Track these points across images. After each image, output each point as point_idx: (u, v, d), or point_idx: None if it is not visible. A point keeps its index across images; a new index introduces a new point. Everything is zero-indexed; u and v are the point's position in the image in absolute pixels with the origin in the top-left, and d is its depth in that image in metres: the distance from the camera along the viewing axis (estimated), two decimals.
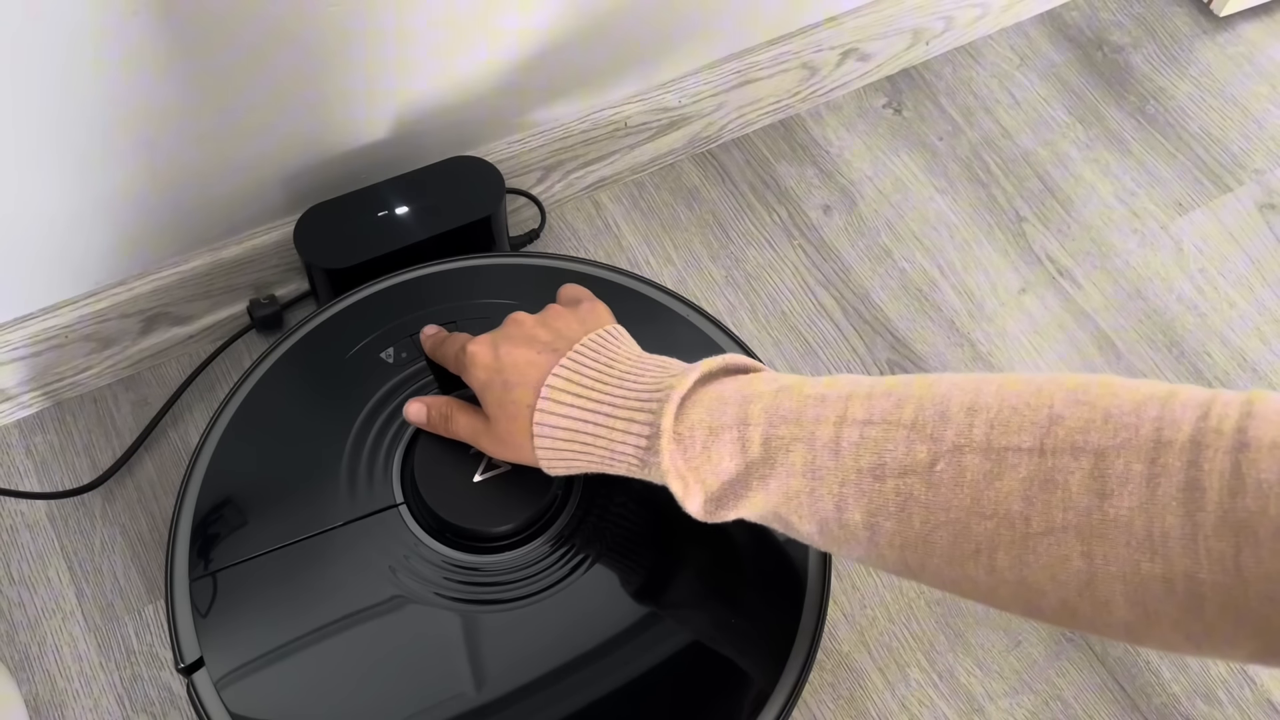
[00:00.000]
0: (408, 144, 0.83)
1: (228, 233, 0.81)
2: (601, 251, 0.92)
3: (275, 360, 0.70)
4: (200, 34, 0.67)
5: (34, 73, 0.63)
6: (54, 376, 0.80)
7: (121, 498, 0.78)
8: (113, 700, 0.72)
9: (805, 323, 0.90)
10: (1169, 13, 1.11)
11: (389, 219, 0.80)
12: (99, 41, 0.64)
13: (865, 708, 0.73)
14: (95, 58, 0.64)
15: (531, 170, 0.90)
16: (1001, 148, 1.01)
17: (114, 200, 0.73)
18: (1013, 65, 1.06)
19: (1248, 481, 0.38)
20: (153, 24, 0.64)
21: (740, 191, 0.96)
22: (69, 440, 0.81)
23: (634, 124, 0.92)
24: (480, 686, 0.60)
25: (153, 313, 0.81)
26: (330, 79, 0.75)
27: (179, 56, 0.67)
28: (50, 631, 0.74)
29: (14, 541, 0.77)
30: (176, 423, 0.81)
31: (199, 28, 0.66)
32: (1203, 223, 0.97)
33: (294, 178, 0.80)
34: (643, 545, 0.65)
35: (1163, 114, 1.04)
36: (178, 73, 0.68)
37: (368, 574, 0.62)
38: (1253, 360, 0.90)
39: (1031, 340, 0.90)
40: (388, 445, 0.66)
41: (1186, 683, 0.75)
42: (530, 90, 0.85)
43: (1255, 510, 0.38)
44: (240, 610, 0.61)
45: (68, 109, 0.66)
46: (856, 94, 1.03)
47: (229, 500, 0.65)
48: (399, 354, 0.70)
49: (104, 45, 0.64)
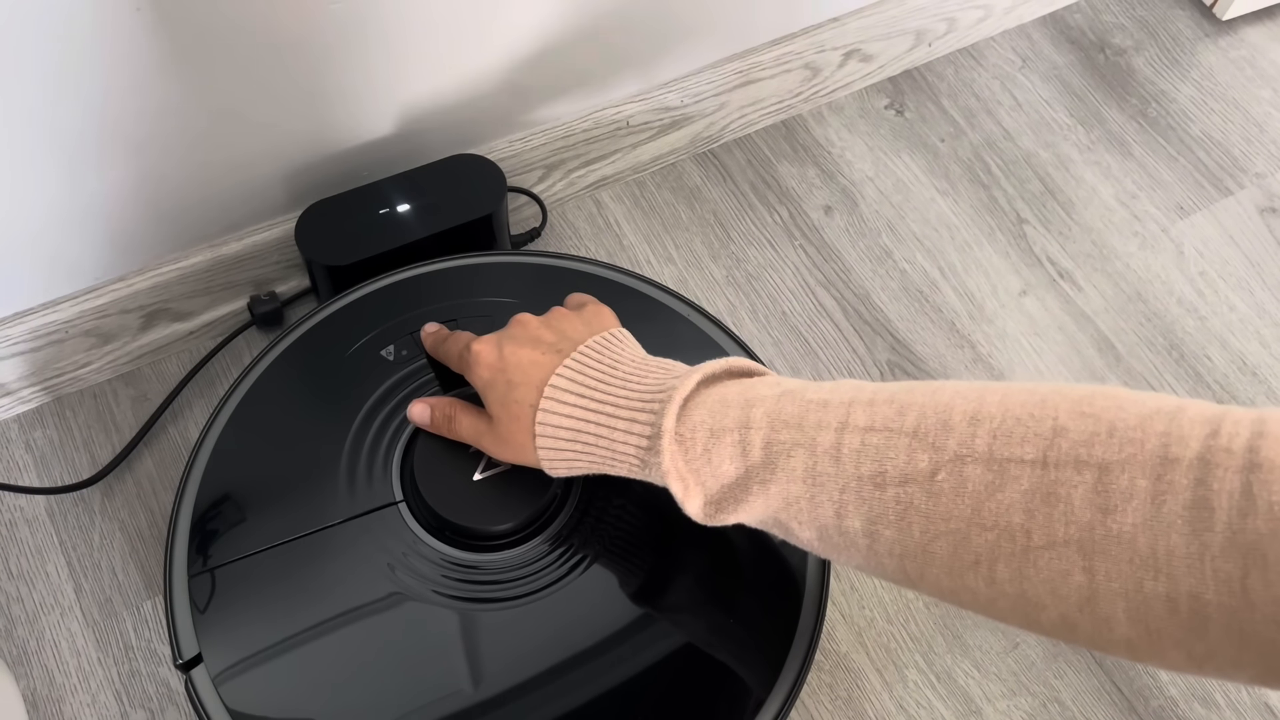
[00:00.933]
0: (409, 141, 0.83)
1: (228, 229, 0.81)
2: (603, 250, 0.92)
3: (275, 357, 0.70)
4: (201, 30, 0.67)
5: (29, 67, 0.63)
6: (54, 372, 0.80)
7: (121, 493, 0.78)
8: (110, 696, 0.72)
9: (805, 323, 0.90)
10: (1171, 16, 1.11)
11: (390, 216, 0.80)
12: (99, 36, 0.64)
13: (863, 708, 0.73)
14: (95, 53, 0.64)
15: (533, 169, 0.90)
16: (1003, 149, 1.01)
17: (114, 196, 0.73)
18: (1015, 67, 1.06)
19: (1259, 503, 0.38)
20: (154, 20, 0.64)
21: (741, 191, 0.96)
22: (68, 435, 0.81)
23: (636, 123, 0.92)
24: (478, 684, 0.60)
25: (153, 308, 0.80)
26: (332, 76, 0.75)
27: (180, 52, 0.67)
28: (49, 626, 0.74)
29: (13, 536, 0.77)
30: (176, 419, 0.81)
31: (200, 24, 0.66)
32: (1203, 226, 0.97)
33: (295, 174, 0.80)
34: (641, 546, 0.65)
35: (1164, 117, 1.04)
36: (178, 69, 0.68)
37: (366, 571, 0.62)
38: (1253, 364, 0.90)
39: (1031, 342, 0.90)
40: (387, 443, 0.66)
41: (1184, 686, 0.75)
42: (532, 88, 0.85)
43: (1265, 533, 0.37)
44: (239, 607, 0.61)
45: (65, 105, 0.66)
46: (858, 95, 1.03)
47: (228, 497, 0.65)
48: (399, 352, 0.70)
49: (105, 40, 0.64)
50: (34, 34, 0.62)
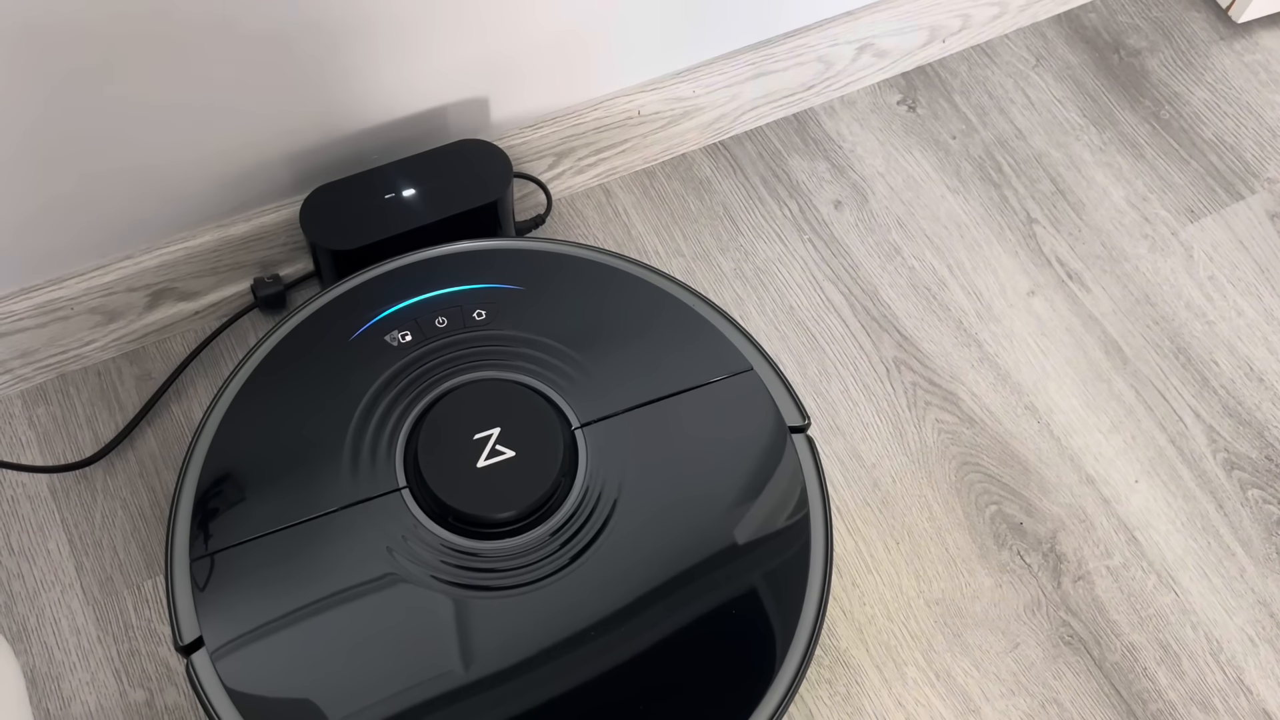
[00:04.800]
0: (416, 126, 0.82)
1: (236, 209, 0.80)
2: (611, 240, 0.92)
3: (280, 340, 0.70)
4: (210, 7, 0.66)
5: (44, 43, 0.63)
6: (58, 349, 0.80)
7: (123, 472, 0.78)
8: (109, 674, 0.72)
9: (812, 318, 0.89)
10: (1187, 18, 1.11)
11: (395, 201, 0.79)
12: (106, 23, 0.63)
13: (861, 704, 0.73)
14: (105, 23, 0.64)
15: (543, 156, 0.90)
16: (1014, 148, 1.00)
17: (121, 173, 0.73)
18: (1028, 65, 1.06)
19: None
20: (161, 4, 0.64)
21: (751, 184, 0.96)
22: (71, 412, 0.80)
23: (647, 112, 0.92)
24: (476, 671, 0.60)
25: (159, 287, 0.80)
26: (340, 59, 0.74)
27: (187, 30, 0.67)
28: (49, 604, 0.74)
29: (14, 512, 0.77)
30: (179, 398, 0.81)
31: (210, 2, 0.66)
32: (1214, 230, 0.97)
33: (301, 156, 0.79)
34: (642, 540, 0.65)
35: (1177, 119, 1.03)
36: (188, 46, 0.68)
37: (369, 559, 0.62)
38: (1259, 369, 0.89)
39: (1038, 342, 0.89)
40: (391, 429, 0.66)
41: (1183, 690, 0.75)
42: (542, 75, 0.85)
43: None
44: (240, 591, 0.61)
45: (73, 82, 0.66)
46: (871, 90, 1.03)
47: (230, 480, 0.65)
48: (403, 337, 0.70)
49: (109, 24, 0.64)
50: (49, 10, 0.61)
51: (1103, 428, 0.85)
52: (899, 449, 0.83)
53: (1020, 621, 0.77)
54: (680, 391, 0.69)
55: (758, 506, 0.67)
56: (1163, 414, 0.87)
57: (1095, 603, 0.78)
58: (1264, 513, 0.82)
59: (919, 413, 0.85)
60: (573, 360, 0.70)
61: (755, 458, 0.68)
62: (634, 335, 0.72)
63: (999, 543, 0.80)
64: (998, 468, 0.83)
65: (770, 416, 0.70)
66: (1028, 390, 0.87)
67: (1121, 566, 0.80)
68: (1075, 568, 0.79)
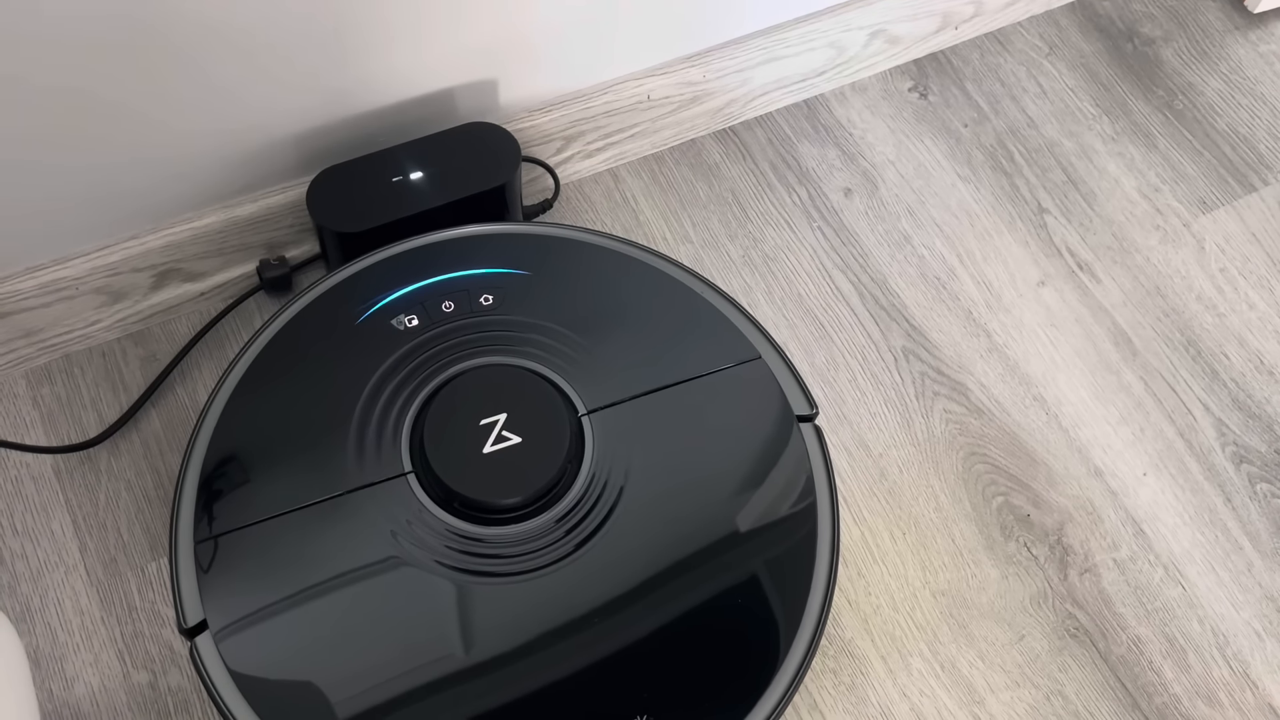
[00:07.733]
0: (425, 108, 0.82)
1: (242, 190, 0.80)
2: (619, 225, 0.91)
3: (286, 322, 0.70)
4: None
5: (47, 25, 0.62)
6: (63, 328, 0.80)
7: (128, 453, 0.78)
8: (113, 655, 0.71)
9: (821, 306, 0.89)
10: (1202, 7, 1.10)
11: (403, 184, 0.79)
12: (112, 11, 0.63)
13: (866, 694, 0.73)
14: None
15: (551, 140, 0.89)
16: (1026, 137, 1.00)
17: (127, 153, 0.72)
18: (1041, 54, 1.05)
19: None
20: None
21: (761, 170, 0.95)
22: (76, 393, 0.80)
23: (657, 97, 0.91)
24: (478, 654, 0.60)
25: (165, 268, 0.80)
26: (349, 39, 0.74)
27: (191, 11, 0.66)
28: (53, 585, 0.73)
29: (18, 493, 0.76)
30: (184, 379, 0.81)
31: None
32: (1226, 222, 0.96)
33: (308, 137, 0.79)
34: (648, 528, 0.64)
35: (1191, 110, 1.03)
36: (193, 24, 0.67)
37: (375, 543, 0.62)
38: (1270, 363, 0.89)
39: (1048, 333, 0.89)
40: (397, 413, 0.66)
41: (1189, 683, 0.75)
42: (551, 58, 0.84)
43: None
44: (243, 575, 0.61)
45: (83, 56, 0.65)
46: (882, 76, 1.02)
47: (235, 463, 0.65)
48: (409, 321, 0.70)
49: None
50: None
51: (1111, 420, 0.85)
52: (906, 439, 0.83)
53: (1026, 613, 0.77)
54: (687, 379, 0.69)
55: (764, 495, 0.67)
56: (1172, 406, 0.86)
57: (1101, 595, 0.78)
58: (1272, 507, 0.82)
59: (927, 403, 0.85)
60: (580, 346, 0.70)
61: (762, 446, 0.68)
62: (641, 322, 0.72)
63: (1005, 534, 0.80)
64: (1005, 459, 0.83)
65: (777, 405, 0.69)
66: (1036, 381, 0.86)
67: (1128, 559, 0.79)
68: (1082, 560, 0.79)
